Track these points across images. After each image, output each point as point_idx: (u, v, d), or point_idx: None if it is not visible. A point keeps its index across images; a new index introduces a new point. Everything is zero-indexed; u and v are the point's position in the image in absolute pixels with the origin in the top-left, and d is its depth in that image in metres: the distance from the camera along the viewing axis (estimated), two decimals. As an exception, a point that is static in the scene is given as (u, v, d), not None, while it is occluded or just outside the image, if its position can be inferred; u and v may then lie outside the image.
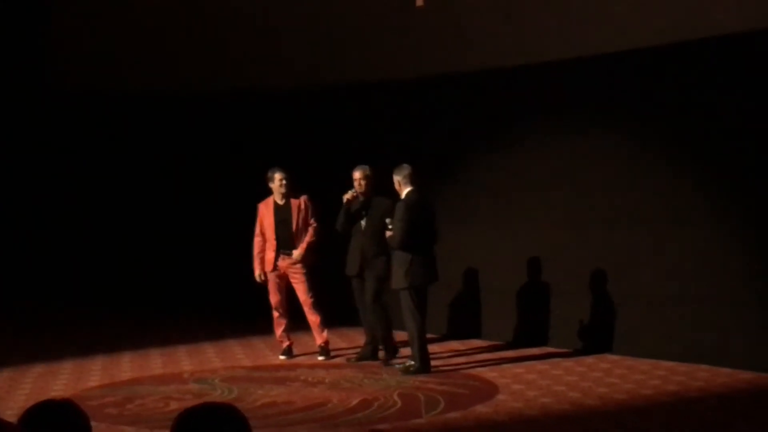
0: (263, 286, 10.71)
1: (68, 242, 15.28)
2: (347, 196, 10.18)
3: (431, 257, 9.76)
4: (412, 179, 9.71)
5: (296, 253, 10.51)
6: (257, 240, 10.67)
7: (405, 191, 9.69)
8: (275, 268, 10.58)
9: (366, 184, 10.20)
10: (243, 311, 12.80)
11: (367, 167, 10.27)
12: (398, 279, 9.67)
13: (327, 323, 10.67)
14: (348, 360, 10.55)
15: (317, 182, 11.27)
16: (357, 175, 10.23)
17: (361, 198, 10.24)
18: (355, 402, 8.67)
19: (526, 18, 11.08)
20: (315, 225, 10.60)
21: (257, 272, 10.66)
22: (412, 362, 9.74)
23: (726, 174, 9.70)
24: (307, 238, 10.56)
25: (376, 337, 10.42)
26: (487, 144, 11.57)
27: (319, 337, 10.62)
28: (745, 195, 9.60)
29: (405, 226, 9.53)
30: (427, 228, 9.75)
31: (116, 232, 14.96)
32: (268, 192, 10.66)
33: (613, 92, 10.49)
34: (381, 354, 10.32)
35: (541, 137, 11.09)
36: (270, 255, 10.59)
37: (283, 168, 10.59)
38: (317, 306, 10.53)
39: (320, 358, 10.61)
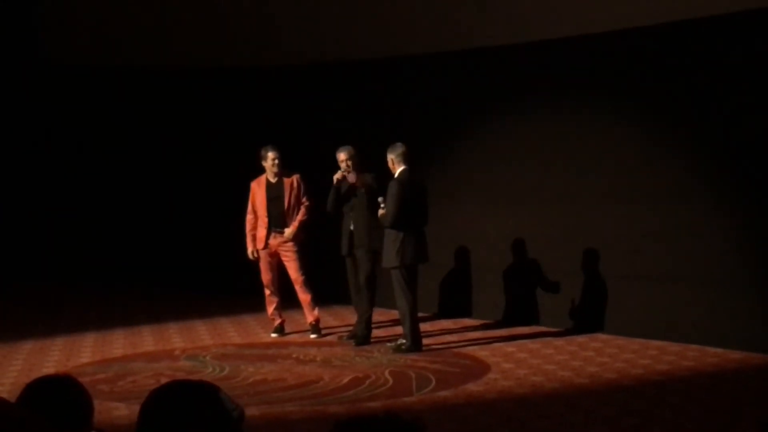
0: (255, 264, 10.71)
1: (60, 219, 15.24)
2: (337, 176, 10.15)
3: (422, 236, 9.76)
4: (406, 158, 9.69)
5: (288, 231, 10.51)
6: (249, 218, 10.67)
7: (398, 170, 9.69)
8: (266, 246, 10.57)
9: (352, 165, 10.14)
10: (234, 289, 12.80)
11: (350, 147, 10.19)
12: (389, 258, 9.67)
13: (318, 301, 10.68)
14: (339, 338, 10.57)
15: (308, 160, 11.25)
16: (342, 156, 10.15)
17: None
18: (346, 380, 8.69)
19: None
20: (307, 204, 10.59)
21: (250, 250, 10.65)
22: (404, 341, 9.76)
23: (718, 153, 9.71)
24: (299, 216, 10.55)
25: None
26: (478, 123, 11.56)
27: (310, 315, 10.63)
28: (737, 174, 9.61)
29: (397, 204, 9.53)
30: (419, 207, 9.75)
31: (108, 209, 14.92)
32: (261, 170, 10.65)
33: (605, 71, 10.48)
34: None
35: (533, 116, 11.07)
36: (261, 233, 10.59)
37: (275, 147, 10.57)
38: (308, 284, 10.53)
39: (312, 336, 10.63)
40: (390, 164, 9.76)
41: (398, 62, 12.15)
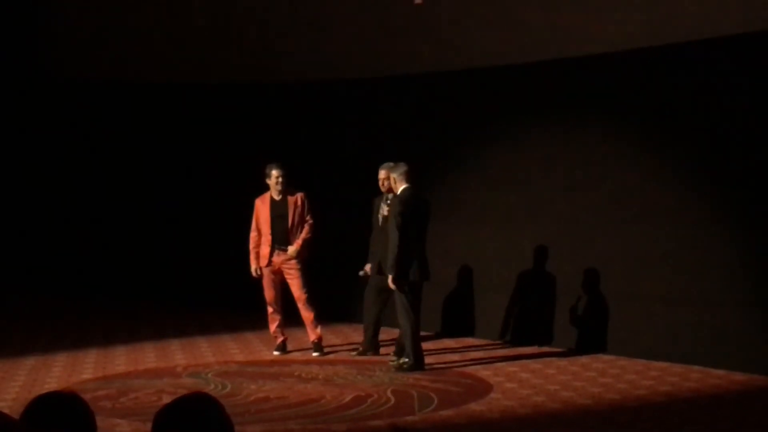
0: (258, 281, 10.71)
1: (63, 234, 15.26)
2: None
3: (424, 255, 9.75)
4: (408, 177, 9.71)
5: (291, 249, 10.51)
6: (253, 235, 10.67)
7: (400, 188, 9.70)
8: (270, 263, 10.57)
9: (389, 183, 10.17)
10: (237, 306, 12.80)
11: (391, 164, 10.11)
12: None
13: (321, 319, 10.67)
14: (350, 353, 10.56)
15: (311, 178, 11.27)
16: (382, 174, 10.14)
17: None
18: (348, 398, 8.67)
19: (521, 17, 11.08)
20: (311, 222, 10.59)
21: (253, 267, 10.65)
22: (406, 359, 9.74)
23: (722, 175, 9.72)
24: (303, 234, 10.55)
25: (377, 333, 10.44)
26: (482, 142, 11.57)
27: (313, 333, 10.62)
28: (741, 196, 9.61)
29: (400, 223, 9.54)
30: (421, 226, 9.75)
31: (111, 225, 14.94)
32: (265, 187, 10.66)
33: (610, 91, 10.50)
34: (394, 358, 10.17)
35: (537, 135, 11.09)
36: (265, 250, 10.58)
37: (280, 164, 10.57)
38: (311, 302, 10.52)
39: (314, 354, 10.62)
40: (392, 183, 9.79)
41: (404, 80, 12.18)
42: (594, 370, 9.71)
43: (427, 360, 9.94)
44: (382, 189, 10.17)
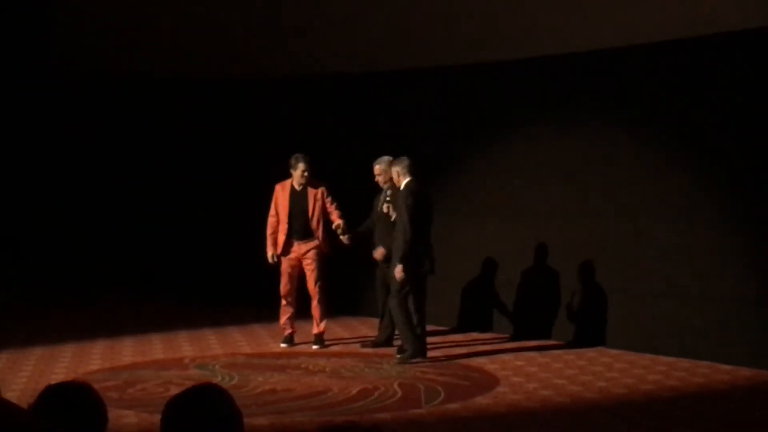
0: (269, 273, 10.66)
1: (72, 225, 15.28)
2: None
3: (430, 248, 9.74)
4: (411, 170, 9.71)
5: (340, 222, 10.36)
6: (271, 220, 10.55)
7: (404, 182, 9.70)
8: (284, 252, 10.51)
9: (383, 179, 10.24)
10: (244, 298, 12.81)
11: (387, 159, 10.20)
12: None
13: (330, 313, 10.66)
14: (363, 345, 10.56)
15: (322, 171, 11.26)
16: (376, 169, 10.23)
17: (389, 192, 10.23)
18: (355, 391, 8.68)
19: (528, 12, 11.07)
20: (338, 212, 10.49)
21: (270, 253, 10.58)
22: (406, 350, 9.74)
23: (729, 170, 9.71)
24: (336, 215, 10.46)
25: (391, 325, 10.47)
26: (487, 137, 11.57)
27: (317, 327, 10.62)
28: (747, 191, 9.60)
29: (409, 213, 9.54)
30: (427, 218, 9.75)
31: (120, 216, 14.96)
32: (278, 178, 10.61)
33: (614, 87, 10.49)
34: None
35: (543, 130, 11.09)
36: (281, 238, 10.53)
37: (308, 159, 10.46)
38: (323, 295, 10.49)
39: (314, 346, 10.60)
40: (395, 176, 9.80)
41: (412, 75, 12.17)
42: (601, 365, 9.70)
43: (434, 353, 9.94)
44: (381, 184, 10.22)
